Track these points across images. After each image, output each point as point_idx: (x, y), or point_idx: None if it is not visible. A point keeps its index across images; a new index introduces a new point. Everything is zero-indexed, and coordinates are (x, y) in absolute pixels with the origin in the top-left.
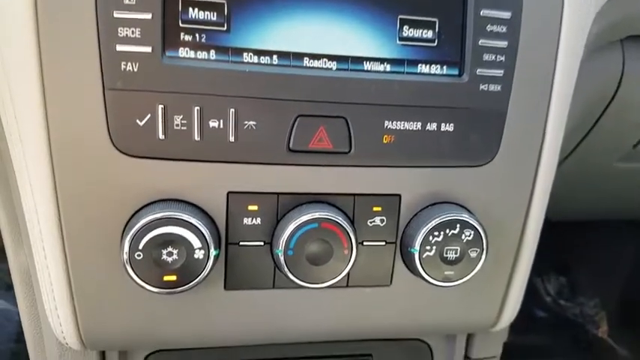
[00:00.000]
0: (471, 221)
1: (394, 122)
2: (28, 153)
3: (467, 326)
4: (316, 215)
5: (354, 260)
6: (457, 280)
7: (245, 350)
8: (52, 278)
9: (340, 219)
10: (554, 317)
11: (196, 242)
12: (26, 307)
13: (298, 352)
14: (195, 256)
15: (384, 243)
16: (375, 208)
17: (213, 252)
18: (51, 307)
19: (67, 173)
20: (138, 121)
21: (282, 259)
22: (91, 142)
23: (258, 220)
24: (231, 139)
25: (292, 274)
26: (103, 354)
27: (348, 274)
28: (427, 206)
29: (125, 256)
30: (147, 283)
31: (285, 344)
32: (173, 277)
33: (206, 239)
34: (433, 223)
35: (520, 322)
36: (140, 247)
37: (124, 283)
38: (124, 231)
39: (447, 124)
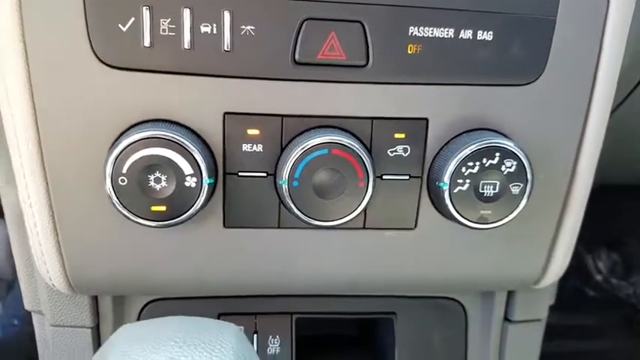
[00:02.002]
0: (513, 149)
1: (421, 28)
2: (5, 68)
3: (507, 281)
4: (326, 140)
5: (371, 196)
6: (495, 222)
7: (254, 302)
8: (35, 213)
9: (355, 145)
10: (605, 297)
11: (187, 168)
12: (19, 249)
13: (311, 306)
14: (187, 184)
15: (407, 177)
16: (397, 135)
17: (206, 180)
18: (36, 246)
19: (44, 89)
20: (120, 25)
21: (286, 190)
22: (70, 52)
23: (260, 147)
24: (226, 47)
25: (298, 209)
26: (96, 301)
27: (365, 213)
28: (460, 133)
29: (108, 181)
30: (133, 214)
31: (296, 297)
32: (162, 208)
33: (198, 164)
34: (467, 151)
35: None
36: (124, 170)
37: (110, 217)
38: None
39: (485, 32)
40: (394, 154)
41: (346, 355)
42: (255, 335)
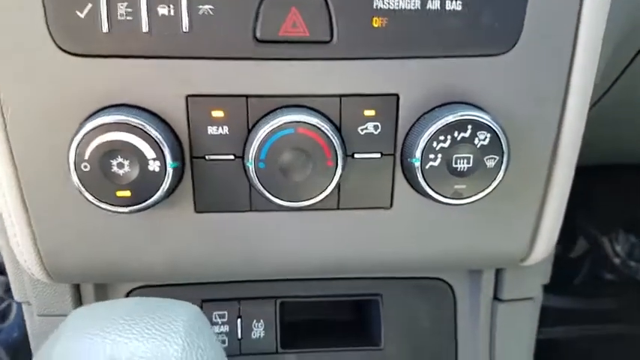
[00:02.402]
0: (485, 121)
1: (385, 0)
2: None
3: (492, 259)
4: (291, 119)
5: (341, 175)
6: (471, 197)
7: (238, 288)
8: (8, 201)
9: (321, 124)
10: (623, 280)
11: (149, 152)
12: (3, 239)
13: (295, 290)
14: (150, 168)
15: (379, 155)
16: (366, 113)
17: (170, 164)
18: (12, 235)
19: (6, 77)
20: (78, 12)
21: (253, 172)
22: (30, 41)
23: (226, 129)
24: (185, 28)
25: (266, 191)
26: (78, 290)
27: (339, 193)
28: (432, 108)
29: (72, 168)
30: (98, 200)
31: (280, 281)
32: (127, 193)
33: (161, 148)
34: (438, 124)
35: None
36: (86, 156)
37: (79, 204)
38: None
39: (454, 1)
40: (365, 131)
41: (334, 338)
42: (239, 320)
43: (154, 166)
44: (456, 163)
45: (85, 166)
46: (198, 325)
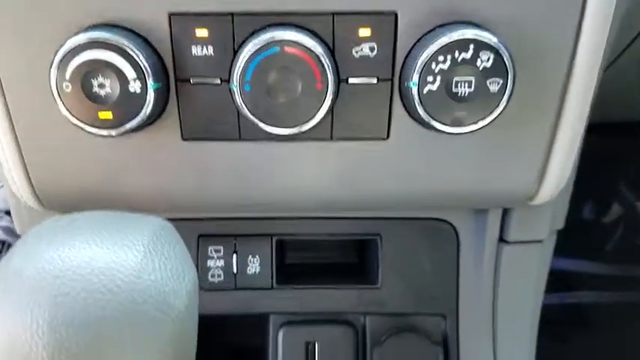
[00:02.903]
0: (488, 40)
1: None
2: None
3: (497, 196)
4: (277, 37)
5: (332, 100)
6: (472, 125)
7: (235, 224)
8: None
9: (310, 42)
10: None
11: (130, 72)
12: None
13: (292, 229)
14: (131, 89)
15: (375, 80)
16: (362, 33)
17: (152, 85)
18: (4, 161)
19: None
20: None
21: (238, 95)
22: None
23: (210, 50)
24: None
25: (253, 115)
26: None
27: (332, 123)
28: (434, 28)
29: (54, 88)
30: (81, 121)
31: (277, 219)
32: (109, 115)
33: (141, 68)
34: (437, 44)
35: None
36: (67, 76)
37: (65, 129)
38: None
39: None
40: (360, 54)
41: (331, 278)
42: (234, 255)
43: (135, 86)
44: (456, 87)
45: (67, 86)
46: (165, 236)
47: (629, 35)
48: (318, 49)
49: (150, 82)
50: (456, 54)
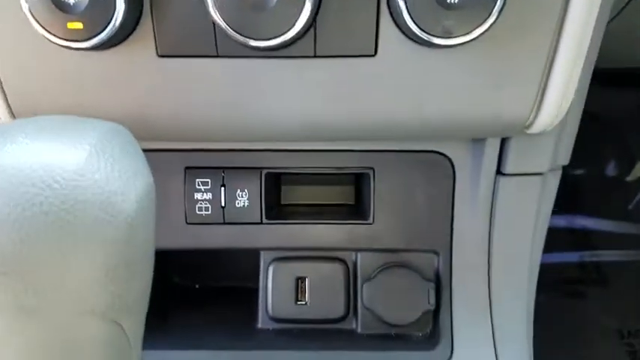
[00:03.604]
0: None
1: None
2: None
3: (491, 122)
4: None
5: (313, 7)
6: (463, 35)
7: (223, 156)
8: None
9: None
10: None
11: None
12: None
13: (282, 162)
14: None
15: None
16: None
17: None
18: None
19: None
20: None
21: (212, 4)
22: None
23: None
24: None
25: (228, 25)
26: None
27: (315, 38)
28: None
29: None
30: (49, 33)
31: (267, 152)
32: (79, 25)
33: None
34: None
35: None
36: None
37: (37, 42)
38: None
39: None
40: None
41: (323, 215)
42: (222, 188)
43: None
44: None
45: None
46: (116, 138)
47: None
48: None
49: None
50: None
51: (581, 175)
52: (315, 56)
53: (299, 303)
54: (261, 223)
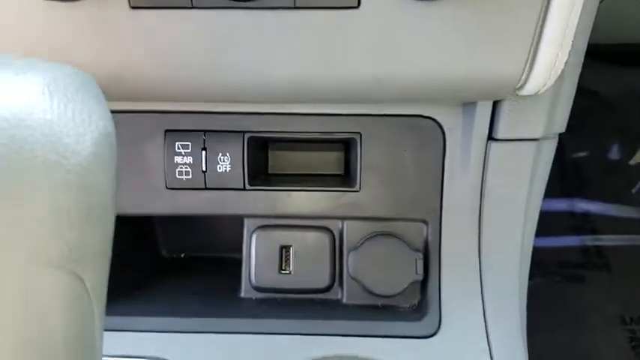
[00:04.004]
0: None
1: None
2: None
3: (480, 82)
4: None
5: None
6: None
7: (204, 119)
8: None
9: None
10: None
11: None
12: None
13: (266, 125)
14: None
15: None
16: None
17: None
18: None
19: None
20: None
21: None
22: None
23: None
24: None
25: None
26: None
27: None
28: None
29: None
30: None
31: (250, 115)
32: None
33: None
34: None
35: None
36: None
37: None
38: None
39: None
40: None
41: (308, 182)
42: (203, 152)
43: None
44: None
45: None
46: (73, 79)
47: None
48: None
49: None
50: None
51: (583, 158)
52: (294, 7)
53: (283, 272)
54: (244, 189)
